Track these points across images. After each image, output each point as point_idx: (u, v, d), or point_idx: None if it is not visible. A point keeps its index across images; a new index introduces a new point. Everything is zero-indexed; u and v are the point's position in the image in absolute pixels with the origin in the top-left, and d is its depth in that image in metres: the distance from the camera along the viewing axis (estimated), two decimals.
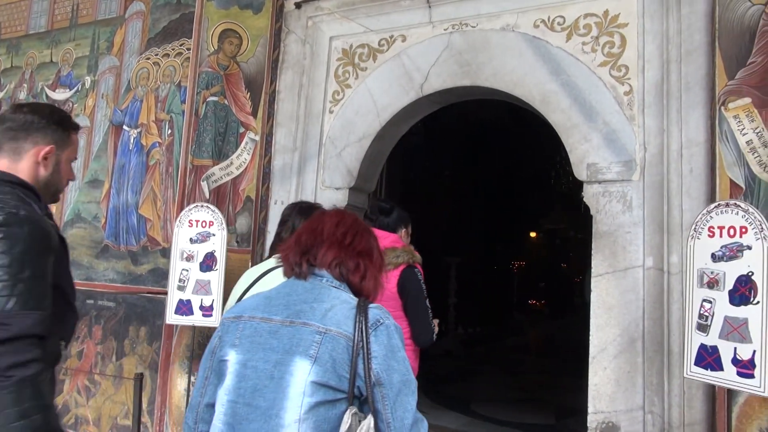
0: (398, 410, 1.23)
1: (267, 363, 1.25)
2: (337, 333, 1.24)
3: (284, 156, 3.79)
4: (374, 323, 1.26)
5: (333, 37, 3.77)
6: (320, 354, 1.22)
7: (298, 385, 1.21)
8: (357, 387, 1.23)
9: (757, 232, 2.18)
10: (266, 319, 1.31)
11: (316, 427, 1.19)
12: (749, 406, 2.42)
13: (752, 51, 2.58)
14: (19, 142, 1.53)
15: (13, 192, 1.46)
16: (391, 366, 1.25)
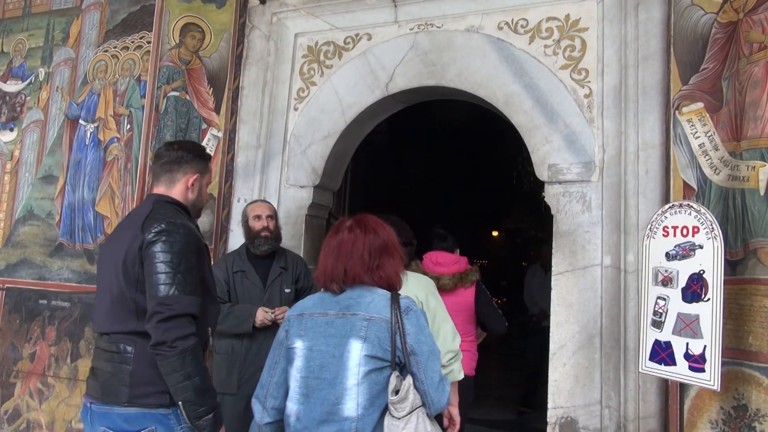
0: (428, 372, 1.67)
1: (328, 346, 1.68)
2: (379, 318, 1.67)
3: (248, 153, 3.74)
4: (405, 309, 1.69)
5: (298, 33, 3.74)
6: (368, 335, 1.66)
7: (354, 359, 1.64)
8: (397, 357, 1.66)
9: (708, 231, 2.27)
10: (323, 314, 1.73)
11: (369, 389, 1.64)
12: (700, 399, 2.51)
13: (705, 57, 2.67)
14: (173, 174, 1.96)
15: (172, 208, 1.91)
16: (421, 340, 1.68)
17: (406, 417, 1.63)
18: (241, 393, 2.90)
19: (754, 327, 2.38)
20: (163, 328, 1.70)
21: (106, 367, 1.81)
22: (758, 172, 2.43)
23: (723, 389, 2.30)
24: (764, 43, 2.47)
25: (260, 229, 3.04)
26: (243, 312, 2.92)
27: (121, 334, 1.81)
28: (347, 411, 1.63)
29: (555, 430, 2.87)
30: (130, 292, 1.80)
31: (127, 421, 1.75)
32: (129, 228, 1.86)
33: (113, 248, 1.88)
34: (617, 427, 2.74)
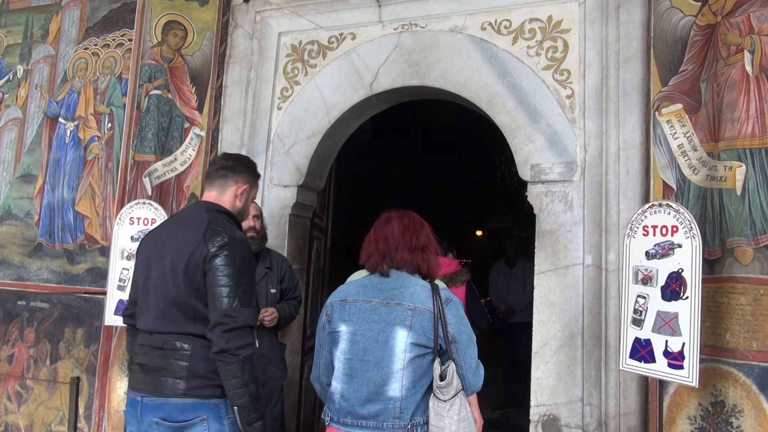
0: (467, 358, 1.88)
1: (372, 331, 1.85)
2: (423, 308, 1.85)
3: (231, 152, 3.71)
4: (446, 300, 1.88)
5: (282, 32, 3.73)
6: (413, 324, 1.83)
7: (401, 345, 1.82)
8: (439, 344, 1.84)
9: (687, 231, 2.31)
10: (367, 301, 1.89)
11: (413, 373, 1.82)
12: (678, 395, 2.55)
13: (684, 59, 2.72)
14: (227, 179, 2.09)
15: (225, 218, 2.03)
16: (461, 329, 1.88)
17: (451, 400, 1.81)
18: None
19: (731, 324, 2.42)
20: (227, 338, 1.82)
21: (158, 363, 1.92)
22: (735, 172, 2.47)
23: (701, 386, 2.34)
24: (741, 46, 2.51)
25: (247, 229, 3.01)
26: None
27: (176, 334, 1.92)
28: (392, 392, 1.81)
29: (537, 427, 2.90)
30: (188, 298, 1.91)
31: (182, 411, 1.87)
32: (186, 235, 1.96)
33: (168, 251, 1.97)
34: (598, 424, 2.77)
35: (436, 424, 1.80)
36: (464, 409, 1.83)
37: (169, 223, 2.18)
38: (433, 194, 7.81)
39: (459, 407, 1.81)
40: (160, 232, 2.11)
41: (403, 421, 1.80)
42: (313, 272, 4.04)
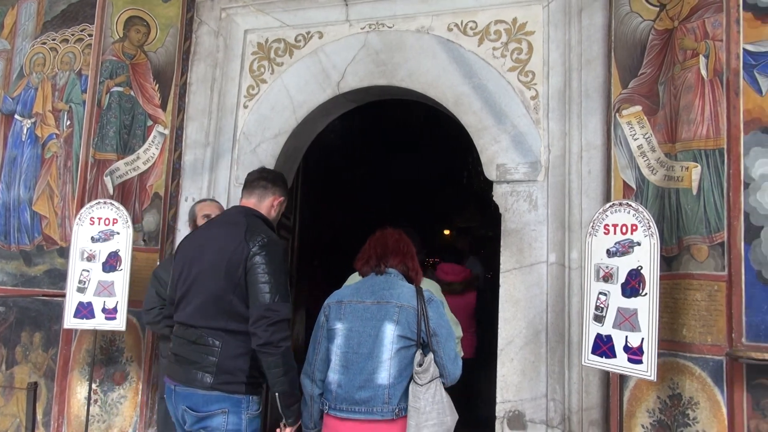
0: (446, 349, 2.10)
1: (365, 327, 2.09)
2: (408, 306, 2.10)
3: (196, 151, 3.66)
4: (428, 299, 2.13)
5: (248, 30, 3.68)
6: (400, 319, 2.07)
7: (389, 338, 2.06)
8: (421, 337, 2.08)
9: (646, 229, 2.38)
10: (360, 302, 2.14)
11: (399, 362, 2.06)
12: (638, 389, 2.63)
13: (643, 62, 2.79)
14: (266, 190, 2.29)
15: (261, 222, 2.21)
16: (441, 324, 2.11)
17: (427, 384, 2.04)
18: None
19: (687, 320, 2.50)
20: (271, 331, 1.97)
21: (191, 356, 2.08)
22: (691, 172, 2.56)
23: (659, 379, 2.42)
24: (697, 51, 2.60)
25: None
26: None
27: (210, 329, 2.07)
28: (381, 379, 2.05)
29: (503, 423, 2.94)
30: (227, 294, 2.05)
31: (207, 403, 2.03)
32: (228, 236, 2.12)
33: (210, 250, 2.13)
34: (562, 418, 2.83)
35: (414, 405, 2.03)
36: (438, 393, 2.06)
37: (208, 226, 2.34)
38: (400, 194, 7.84)
39: (434, 392, 2.05)
40: (199, 235, 2.29)
41: (391, 406, 2.05)
42: None
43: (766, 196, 2.42)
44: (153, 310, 2.90)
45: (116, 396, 3.52)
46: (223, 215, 2.45)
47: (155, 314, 2.89)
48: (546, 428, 2.86)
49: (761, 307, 2.38)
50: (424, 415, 2.01)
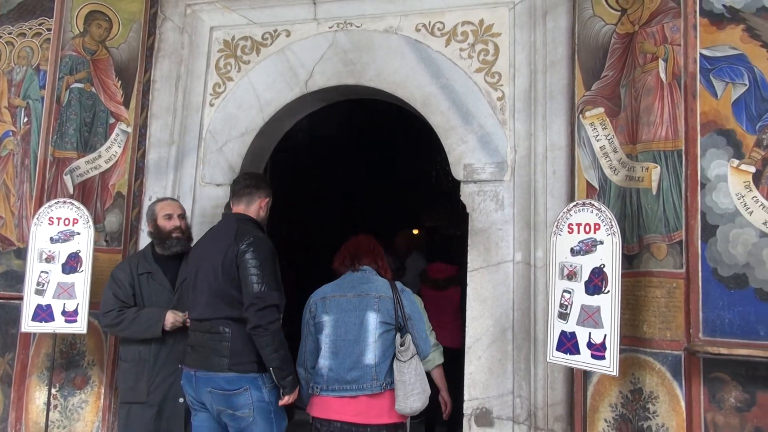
0: (419, 330, 2.48)
1: (350, 317, 2.42)
2: (385, 296, 2.45)
3: (160, 150, 3.59)
4: (401, 290, 2.51)
5: (214, 27, 3.63)
6: (380, 307, 2.43)
7: (373, 324, 2.40)
8: (398, 321, 2.42)
9: (608, 228, 2.44)
10: (342, 296, 2.48)
11: (382, 344, 2.40)
12: (601, 384, 2.69)
13: (605, 65, 2.86)
14: (252, 196, 2.62)
15: (251, 224, 2.56)
16: (413, 310, 2.49)
17: (409, 360, 2.39)
18: (151, 401, 2.78)
19: (647, 316, 2.57)
20: (260, 315, 2.31)
21: (207, 344, 2.42)
22: (651, 173, 2.63)
23: (621, 375, 2.48)
24: (656, 55, 2.68)
25: (172, 229, 2.91)
26: (151, 316, 2.79)
27: (220, 319, 2.41)
28: (368, 360, 2.38)
29: (471, 420, 2.98)
30: (227, 288, 2.41)
31: (228, 383, 2.37)
32: (221, 240, 2.48)
33: (209, 255, 2.50)
34: (528, 414, 2.88)
35: (399, 378, 2.38)
36: (419, 367, 2.42)
37: (207, 236, 2.67)
38: (369, 193, 7.84)
39: (415, 366, 2.41)
40: (202, 245, 2.64)
41: (378, 381, 2.38)
42: None
43: (721, 197, 2.51)
44: (111, 312, 2.82)
45: (77, 401, 3.42)
46: (218, 224, 2.74)
47: (113, 317, 2.81)
48: (512, 424, 2.91)
49: (716, 303, 2.46)
50: (410, 386, 2.37)
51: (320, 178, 6.31)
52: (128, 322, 2.78)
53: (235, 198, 2.64)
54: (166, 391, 2.78)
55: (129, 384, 2.83)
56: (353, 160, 7.16)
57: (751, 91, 2.52)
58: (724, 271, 2.47)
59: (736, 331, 2.42)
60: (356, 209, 6.99)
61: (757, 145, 2.49)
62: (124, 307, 2.82)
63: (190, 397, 2.50)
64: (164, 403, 2.78)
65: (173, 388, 2.78)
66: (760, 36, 2.54)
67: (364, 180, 7.61)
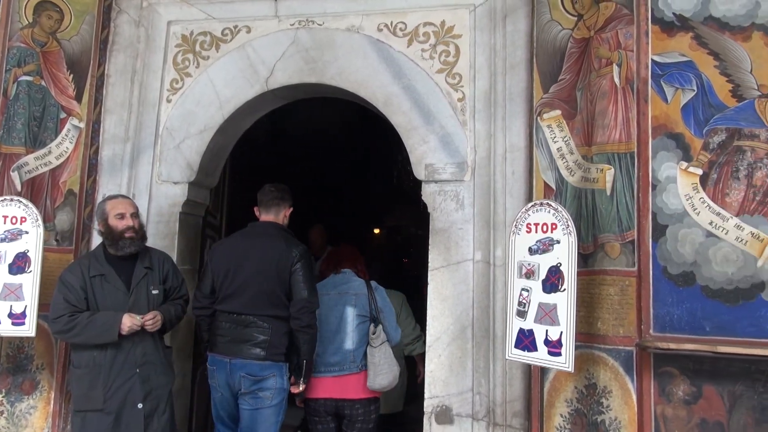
0: (389, 321, 2.97)
1: (332, 311, 2.92)
2: (361, 293, 2.96)
3: (114, 146, 3.48)
4: (375, 288, 3.01)
5: (171, 21, 3.55)
6: (356, 303, 2.93)
7: (351, 317, 2.90)
8: (372, 314, 2.93)
9: (564, 228, 2.50)
10: (326, 294, 2.94)
11: (358, 333, 2.90)
12: (557, 380, 2.76)
13: (562, 69, 2.93)
14: (279, 206, 2.95)
15: (290, 235, 2.94)
16: (384, 304, 2.99)
17: (379, 346, 2.89)
18: (108, 408, 2.68)
19: (602, 313, 2.65)
20: (310, 317, 2.74)
21: (245, 336, 2.76)
22: (605, 174, 2.71)
23: (576, 370, 2.54)
24: (611, 60, 2.76)
25: (124, 229, 2.80)
26: (106, 320, 2.69)
27: (261, 316, 2.76)
28: (347, 346, 2.90)
29: (431, 419, 3.00)
30: (277, 290, 2.77)
31: (262, 369, 2.74)
32: (271, 247, 2.81)
33: (255, 257, 2.81)
34: (487, 411, 2.92)
35: (371, 360, 2.88)
36: (387, 352, 2.90)
37: (243, 237, 2.94)
38: (332, 192, 7.81)
39: (384, 351, 2.90)
40: (238, 245, 2.90)
41: (356, 363, 2.89)
42: None
43: (670, 198, 2.61)
44: (61, 318, 2.70)
45: (25, 407, 3.29)
46: (255, 228, 2.95)
47: (64, 322, 2.69)
48: (472, 421, 2.95)
49: (666, 300, 2.56)
50: (379, 366, 2.86)
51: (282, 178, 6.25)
52: (81, 328, 2.67)
53: (264, 207, 2.95)
54: (124, 398, 2.70)
55: (83, 391, 2.72)
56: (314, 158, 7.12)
57: (698, 96, 2.63)
58: (673, 270, 2.57)
59: (684, 327, 2.52)
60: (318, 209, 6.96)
61: (704, 149, 2.60)
62: (75, 312, 2.70)
63: (219, 381, 2.81)
64: (122, 410, 2.69)
65: (131, 393, 2.70)
66: (707, 44, 2.65)
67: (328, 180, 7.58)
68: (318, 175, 7.37)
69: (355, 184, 7.97)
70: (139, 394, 2.71)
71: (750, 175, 2.55)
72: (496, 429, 2.89)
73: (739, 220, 2.53)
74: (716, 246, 2.54)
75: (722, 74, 2.62)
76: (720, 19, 2.65)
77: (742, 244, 2.52)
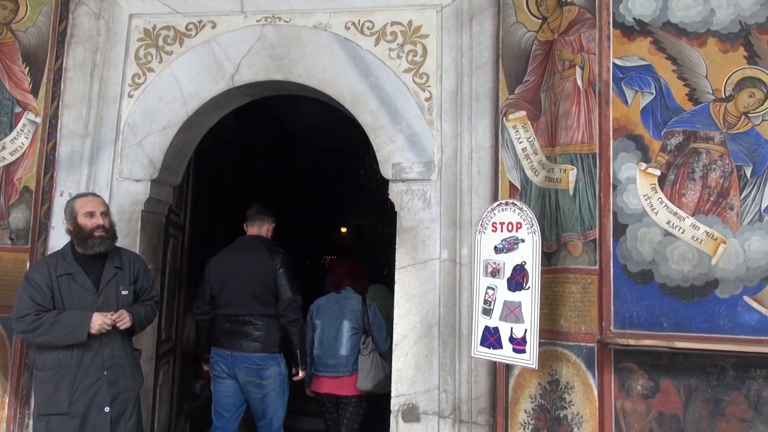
0: (379, 334, 3.52)
1: (332, 322, 3.54)
2: (356, 310, 3.55)
3: (73, 142, 3.38)
4: (369, 305, 3.55)
5: (133, 14, 3.46)
6: (351, 318, 3.52)
7: (346, 329, 3.51)
8: (364, 327, 3.50)
9: (529, 227, 2.54)
10: (329, 307, 3.59)
11: (352, 342, 3.50)
12: (522, 377, 2.80)
13: (527, 70, 2.98)
14: (263, 221, 3.50)
15: (273, 245, 3.48)
16: (375, 319, 3.53)
17: (368, 354, 3.45)
18: (73, 412, 2.60)
19: (564, 310, 2.71)
20: (295, 313, 3.28)
21: (243, 333, 3.29)
22: (568, 174, 2.77)
23: (540, 367, 2.60)
24: (574, 62, 2.82)
25: (94, 228, 2.72)
26: (74, 319, 2.61)
27: (256, 315, 3.29)
28: (342, 352, 3.48)
29: (398, 417, 3.01)
30: (266, 293, 3.29)
31: (260, 360, 3.27)
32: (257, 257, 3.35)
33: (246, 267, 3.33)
34: (453, 408, 2.95)
35: (361, 366, 3.45)
36: (375, 359, 3.46)
37: (232, 252, 3.45)
38: (300, 191, 7.75)
39: (372, 358, 3.45)
40: (228, 258, 3.41)
41: (348, 367, 3.47)
42: (169, 272, 3.81)
43: (630, 198, 2.68)
44: (27, 317, 2.61)
45: None
46: (242, 243, 3.48)
47: (30, 321, 2.60)
48: (438, 419, 2.97)
49: (626, 297, 2.63)
50: (366, 372, 3.43)
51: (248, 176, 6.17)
52: (47, 327, 2.58)
53: (250, 222, 3.51)
54: (90, 401, 2.62)
55: (47, 395, 2.63)
56: (284, 157, 7.05)
57: (657, 99, 2.71)
58: (632, 268, 2.64)
59: (642, 324, 2.60)
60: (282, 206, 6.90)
61: (662, 150, 2.69)
62: (41, 311, 2.61)
63: (221, 370, 3.33)
64: (88, 414, 2.61)
65: (98, 397, 2.62)
66: (665, 49, 2.73)
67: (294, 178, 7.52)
68: (284, 174, 7.30)
69: (323, 182, 7.93)
70: (106, 398, 2.63)
71: (705, 177, 2.64)
72: (462, 426, 2.92)
73: (694, 219, 2.62)
74: (673, 245, 2.63)
75: (679, 78, 2.71)
76: (677, 25, 2.74)
77: (697, 243, 2.61)
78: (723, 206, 2.61)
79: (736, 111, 2.66)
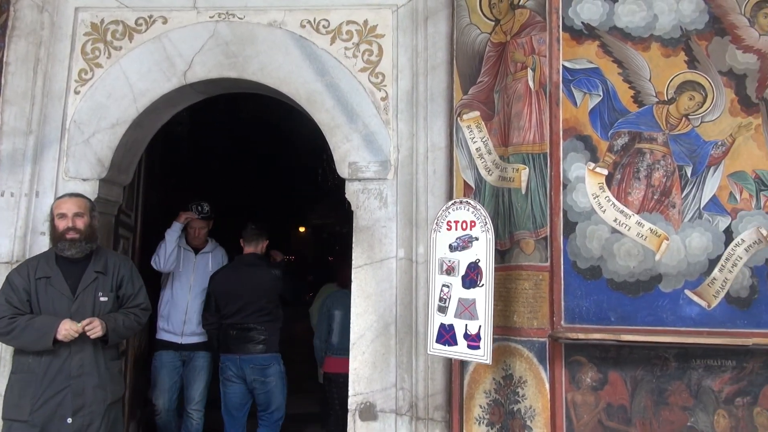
0: None
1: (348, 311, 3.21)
2: None
3: (15, 140, 3.24)
4: None
5: (79, 8, 3.34)
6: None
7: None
8: None
9: (483, 225, 2.59)
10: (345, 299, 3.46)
11: None
12: (477, 373, 2.85)
13: (481, 71, 3.03)
14: (258, 240, 4.03)
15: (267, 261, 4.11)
16: None
17: None
18: (33, 420, 2.49)
19: (517, 307, 2.77)
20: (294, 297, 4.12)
21: (249, 338, 3.76)
22: (520, 173, 2.83)
23: (494, 363, 2.65)
24: (525, 64, 2.88)
25: (64, 230, 2.63)
26: (43, 325, 2.51)
27: (259, 322, 3.78)
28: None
29: (355, 416, 3.02)
30: (268, 304, 3.83)
31: (264, 360, 3.77)
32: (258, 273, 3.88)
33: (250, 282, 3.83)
34: (410, 406, 2.98)
35: None
36: None
37: (234, 269, 3.96)
38: (255, 189, 7.66)
39: None
40: (230, 274, 3.91)
41: None
42: None
43: (579, 196, 2.77)
44: (2, 320, 2.51)
45: None
46: (241, 260, 3.99)
47: (4, 324, 2.50)
48: (395, 417, 2.99)
49: (576, 293, 2.71)
50: None
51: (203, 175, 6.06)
52: (19, 331, 2.48)
53: (246, 241, 4.00)
54: (53, 411, 2.51)
55: (14, 399, 2.54)
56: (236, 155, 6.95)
57: (604, 101, 2.81)
58: (582, 264, 2.73)
59: (591, 318, 2.69)
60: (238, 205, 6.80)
61: (609, 150, 2.78)
62: (17, 314, 2.51)
63: (232, 373, 3.79)
64: (49, 424, 2.51)
65: (62, 407, 2.52)
66: (611, 52, 2.83)
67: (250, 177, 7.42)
68: (238, 172, 7.20)
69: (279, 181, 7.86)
70: (69, 408, 2.53)
71: (649, 176, 2.75)
72: (419, 423, 2.95)
73: (639, 217, 2.73)
74: (620, 242, 2.73)
75: (625, 81, 2.81)
76: (623, 29, 2.84)
77: (642, 240, 2.71)
78: (666, 204, 2.73)
79: (678, 113, 2.78)
